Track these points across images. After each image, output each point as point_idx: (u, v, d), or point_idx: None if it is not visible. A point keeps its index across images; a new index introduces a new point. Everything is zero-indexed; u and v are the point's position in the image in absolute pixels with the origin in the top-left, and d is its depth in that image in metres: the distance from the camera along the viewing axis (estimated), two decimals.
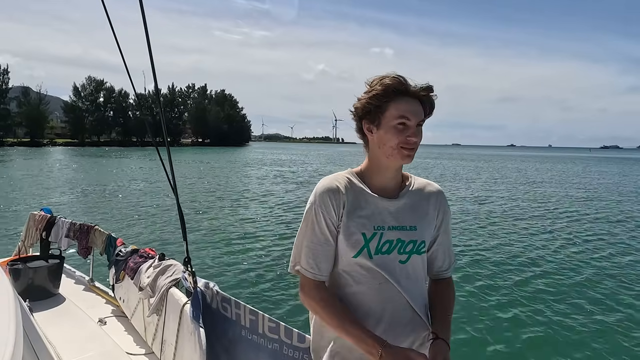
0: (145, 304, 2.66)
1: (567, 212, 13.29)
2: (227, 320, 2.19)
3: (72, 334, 2.72)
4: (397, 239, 1.27)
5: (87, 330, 2.79)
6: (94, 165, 32.53)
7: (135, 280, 2.80)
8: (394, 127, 1.23)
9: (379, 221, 1.28)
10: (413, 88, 1.24)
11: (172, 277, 2.55)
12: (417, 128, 1.24)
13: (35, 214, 4.17)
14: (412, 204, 1.33)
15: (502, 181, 24.26)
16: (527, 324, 4.99)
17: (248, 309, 2.06)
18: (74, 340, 2.62)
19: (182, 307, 2.26)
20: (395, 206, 1.31)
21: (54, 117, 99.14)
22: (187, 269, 2.30)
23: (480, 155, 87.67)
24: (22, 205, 12.93)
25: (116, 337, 2.72)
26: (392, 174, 1.32)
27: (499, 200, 15.95)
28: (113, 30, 2.05)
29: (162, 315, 2.44)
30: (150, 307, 2.50)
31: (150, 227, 9.89)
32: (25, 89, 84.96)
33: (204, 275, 2.72)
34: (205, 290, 2.29)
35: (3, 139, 75.42)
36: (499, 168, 38.87)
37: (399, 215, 1.30)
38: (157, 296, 2.49)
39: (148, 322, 2.61)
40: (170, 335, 2.30)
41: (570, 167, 44.25)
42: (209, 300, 2.29)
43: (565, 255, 8.02)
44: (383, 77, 1.25)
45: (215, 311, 2.26)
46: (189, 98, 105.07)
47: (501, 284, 6.31)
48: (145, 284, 2.65)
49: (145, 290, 2.62)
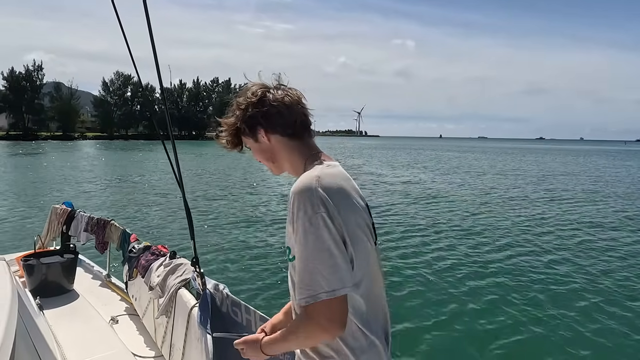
0: (155, 304, 2.56)
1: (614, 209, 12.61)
2: (238, 325, 2.06)
3: (82, 333, 2.65)
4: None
5: (98, 330, 2.72)
6: (119, 159, 33.33)
7: (146, 278, 2.70)
8: None
9: None
10: None
11: (181, 277, 2.44)
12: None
13: (57, 208, 4.17)
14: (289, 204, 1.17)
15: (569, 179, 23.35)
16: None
17: (259, 316, 1.92)
18: (83, 340, 2.55)
19: (190, 310, 2.14)
20: None
21: (84, 112, 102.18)
22: (195, 269, 2.18)
23: (508, 148, 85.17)
24: (50, 197, 13.29)
25: (126, 338, 2.64)
26: (288, 171, 1.28)
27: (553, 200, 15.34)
28: (120, 25, 1.95)
29: (171, 317, 2.33)
30: (159, 308, 2.39)
31: (164, 222, 9.71)
32: (57, 84, 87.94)
33: (213, 275, 2.58)
34: (215, 292, 2.16)
35: (37, 133, 78.34)
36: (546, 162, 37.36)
37: None
38: (166, 297, 2.38)
39: (158, 323, 2.51)
40: (178, 339, 2.19)
41: (610, 161, 42.17)
42: (218, 303, 2.16)
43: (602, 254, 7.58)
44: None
45: (225, 315, 2.12)
46: (213, 92, 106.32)
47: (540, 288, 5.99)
48: (155, 283, 2.55)
49: (155, 290, 2.52)
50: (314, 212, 1.01)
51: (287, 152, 1.23)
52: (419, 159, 38.52)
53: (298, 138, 1.22)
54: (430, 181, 19.66)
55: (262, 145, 1.24)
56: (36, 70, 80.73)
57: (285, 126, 1.20)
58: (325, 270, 1.00)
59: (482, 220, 10.44)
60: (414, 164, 32.28)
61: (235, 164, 28.15)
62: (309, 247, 1.01)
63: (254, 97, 1.20)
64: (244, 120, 1.21)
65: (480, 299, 5.42)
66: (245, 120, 1.21)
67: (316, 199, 1.02)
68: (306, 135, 1.24)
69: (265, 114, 1.19)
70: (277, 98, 1.19)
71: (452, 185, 18.26)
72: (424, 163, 33.18)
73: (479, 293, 5.62)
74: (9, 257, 3.87)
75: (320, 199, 1.03)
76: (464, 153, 54.12)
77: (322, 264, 1.00)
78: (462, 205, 12.74)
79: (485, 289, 5.75)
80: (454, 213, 11.44)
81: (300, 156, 1.22)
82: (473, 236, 8.82)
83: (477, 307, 5.17)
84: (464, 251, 7.68)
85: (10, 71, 78.33)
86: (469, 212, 11.55)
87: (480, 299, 5.40)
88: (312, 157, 1.21)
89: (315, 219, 1.01)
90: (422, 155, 47.45)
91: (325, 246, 1.00)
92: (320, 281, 0.99)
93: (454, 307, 5.16)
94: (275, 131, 1.21)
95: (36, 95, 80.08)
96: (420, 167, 28.39)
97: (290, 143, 1.22)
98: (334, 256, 1.01)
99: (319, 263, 1.00)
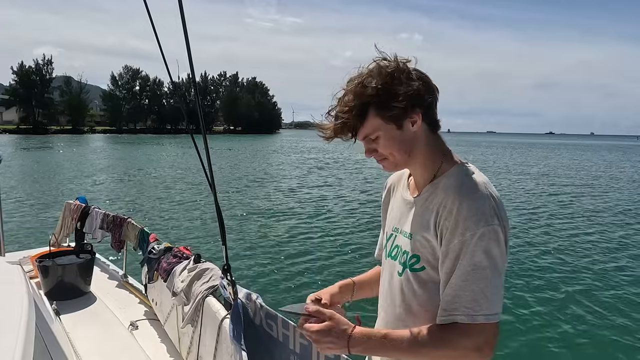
0: (179, 311, 2.39)
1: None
2: (273, 340, 1.87)
3: (102, 341, 2.49)
4: (400, 246, 1.09)
5: (118, 337, 2.56)
6: (129, 153, 33.37)
7: (168, 283, 2.52)
8: None
9: (396, 221, 1.13)
10: None
11: (208, 283, 2.25)
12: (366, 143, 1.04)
13: (71, 203, 4.03)
14: (423, 206, 1.04)
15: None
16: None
17: (298, 332, 1.72)
18: (103, 348, 2.39)
19: (220, 322, 1.96)
20: (411, 206, 1.08)
21: (93, 106, 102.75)
22: (226, 277, 1.99)
23: (519, 143, 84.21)
24: (63, 191, 13.25)
25: (148, 346, 2.47)
26: (412, 168, 1.10)
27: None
28: (151, 19, 1.79)
29: (198, 327, 2.15)
30: (185, 317, 2.22)
31: (184, 222, 9.14)
32: (67, 78, 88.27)
33: (243, 284, 2.39)
34: (247, 302, 1.97)
35: (47, 127, 78.90)
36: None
37: (407, 218, 1.08)
38: (192, 305, 2.20)
39: (182, 332, 2.33)
40: (207, 354, 2.01)
41: (622, 156, 41.48)
42: (251, 315, 1.97)
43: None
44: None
45: (259, 328, 1.93)
46: (220, 86, 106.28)
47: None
48: (179, 289, 2.37)
49: (179, 297, 2.34)
50: (486, 224, 0.90)
51: (429, 145, 1.04)
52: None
53: (437, 131, 1.07)
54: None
55: (406, 134, 0.99)
56: (46, 65, 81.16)
57: (435, 115, 1.03)
58: (490, 290, 0.90)
59: None
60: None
61: (249, 158, 27.90)
62: (479, 262, 0.90)
63: (417, 71, 0.98)
64: (405, 96, 0.94)
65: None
66: (408, 98, 0.94)
67: (490, 209, 0.91)
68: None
69: (431, 98, 1.00)
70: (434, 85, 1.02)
71: None
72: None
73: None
74: (22, 254, 3.75)
75: (493, 210, 0.91)
76: (470, 147, 53.56)
77: (493, 282, 0.90)
78: None
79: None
80: None
81: (438, 152, 1.05)
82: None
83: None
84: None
85: (20, 65, 78.81)
86: None
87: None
88: (448, 154, 1.05)
89: (490, 232, 0.90)
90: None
91: (494, 263, 0.90)
92: (483, 301, 0.89)
93: None
94: (427, 119, 1.01)
95: (46, 89, 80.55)
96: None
97: (433, 135, 1.05)
98: (501, 276, 0.91)
99: (489, 281, 0.90)
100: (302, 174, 19.44)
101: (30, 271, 3.29)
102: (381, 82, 0.94)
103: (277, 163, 25.83)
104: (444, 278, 0.94)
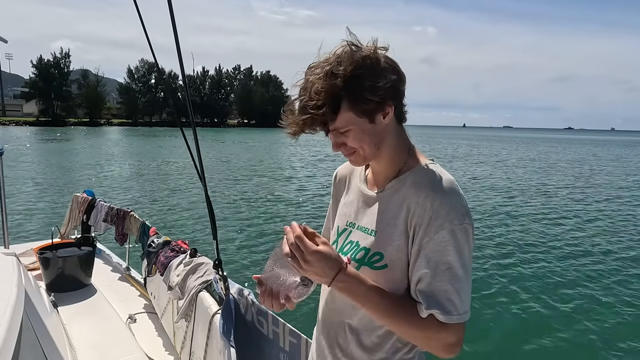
0: (174, 305, 2.38)
1: None
2: (263, 337, 1.84)
3: (98, 334, 2.50)
4: (356, 242, 1.01)
5: (114, 330, 2.56)
6: (143, 145, 33.73)
7: (165, 277, 2.52)
8: None
9: (352, 216, 1.05)
10: None
11: (202, 278, 2.24)
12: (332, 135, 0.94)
13: (78, 196, 4.07)
14: (388, 202, 0.97)
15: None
16: None
17: (288, 329, 1.69)
18: (99, 342, 2.39)
19: (211, 317, 1.94)
20: (372, 201, 1.01)
21: (110, 99, 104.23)
22: (218, 272, 1.96)
23: (533, 138, 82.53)
24: (74, 183, 13.47)
25: (144, 340, 2.47)
26: (376, 162, 1.00)
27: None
28: (138, 10, 1.78)
29: (191, 322, 2.14)
30: (179, 312, 2.20)
31: (184, 215, 9.12)
32: (84, 72, 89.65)
33: (235, 277, 2.36)
34: (239, 298, 1.95)
35: (66, 119, 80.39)
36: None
37: (367, 214, 1.01)
38: (186, 300, 2.18)
39: (177, 327, 2.33)
40: (198, 348, 2.00)
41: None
42: (242, 311, 1.94)
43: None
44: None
45: (250, 324, 1.91)
46: (235, 79, 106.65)
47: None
48: (174, 283, 2.36)
49: (174, 291, 2.33)
50: (459, 223, 0.87)
51: (396, 138, 0.97)
52: (447, 152, 37.66)
53: (403, 123, 1.00)
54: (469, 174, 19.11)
55: (377, 128, 0.92)
56: (64, 58, 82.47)
57: (403, 107, 0.96)
58: (464, 291, 0.88)
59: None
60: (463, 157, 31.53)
61: (261, 150, 27.88)
62: (453, 260, 0.86)
63: (390, 60, 0.90)
64: (381, 89, 0.86)
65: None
66: (383, 91, 0.86)
67: (462, 207, 0.88)
68: None
69: (402, 87, 0.92)
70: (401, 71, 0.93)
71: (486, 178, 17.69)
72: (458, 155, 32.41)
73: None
74: (26, 246, 3.80)
75: (465, 208, 0.88)
76: (487, 141, 52.67)
77: (465, 282, 0.88)
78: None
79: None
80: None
81: (405, 146, 0.99)
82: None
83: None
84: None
85: (39, 59, 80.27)
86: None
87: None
88: (413, 149, 1.00)
89: (462, 230, 0.87)
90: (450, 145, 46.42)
91: (464, 262, 0.87)
92: (457, 301, 0.86)
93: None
94: (397, 111, 0.94)
95: (64, 82, 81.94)
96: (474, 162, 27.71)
97: (399, 127, 0.98)
98: (470, 274, 0.89)
99: (462, 280, 0.87)
100: (309, 169, 19.31)
101: (33, 263, 3.32)
102: (353, 71, 0.84)
103: (285, 158, 25.71)
104: (416, 276, 0.89)
